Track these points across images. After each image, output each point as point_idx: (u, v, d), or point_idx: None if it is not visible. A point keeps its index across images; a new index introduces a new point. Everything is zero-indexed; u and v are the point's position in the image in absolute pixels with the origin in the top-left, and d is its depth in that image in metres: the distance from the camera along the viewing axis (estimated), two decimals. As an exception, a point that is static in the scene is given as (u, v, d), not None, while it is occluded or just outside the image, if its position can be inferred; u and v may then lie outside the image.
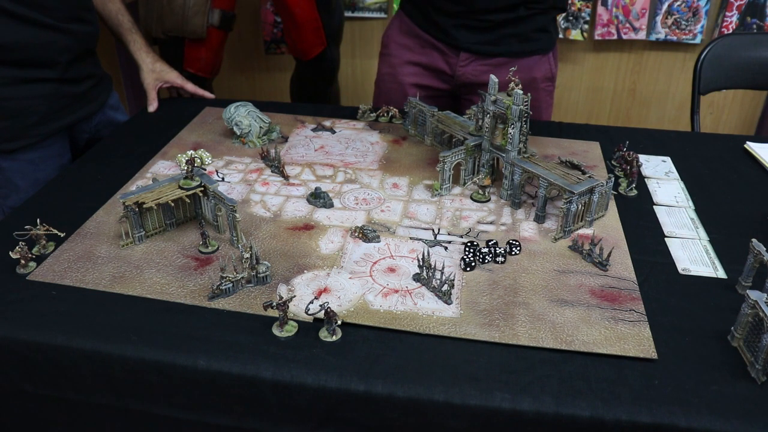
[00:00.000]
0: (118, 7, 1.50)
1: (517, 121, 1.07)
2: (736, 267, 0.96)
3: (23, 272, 0.94)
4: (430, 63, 1.47)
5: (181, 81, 1.57)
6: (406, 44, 1.50)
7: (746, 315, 0.80)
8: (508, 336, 0.83)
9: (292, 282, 0.93)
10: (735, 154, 1.36)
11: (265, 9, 2.73)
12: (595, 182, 1.04)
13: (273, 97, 2.89)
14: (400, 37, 1.31)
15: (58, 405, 0.90)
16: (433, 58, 1.47)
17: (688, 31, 2.56)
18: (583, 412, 0.73)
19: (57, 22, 1.25)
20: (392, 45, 1.52)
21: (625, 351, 0.81)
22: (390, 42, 1.54)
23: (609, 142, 1.36)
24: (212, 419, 0.84)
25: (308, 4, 2.09)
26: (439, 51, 1.46)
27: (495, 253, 0.96)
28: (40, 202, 1.14)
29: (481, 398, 0.75)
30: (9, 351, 0.84)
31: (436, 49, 1.46)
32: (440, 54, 1.46)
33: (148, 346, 0.81)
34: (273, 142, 1.37)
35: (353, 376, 0.77)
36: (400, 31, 1.51)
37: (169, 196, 1.01)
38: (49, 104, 1.24)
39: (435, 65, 1.47)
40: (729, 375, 0.78)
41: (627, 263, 0.98)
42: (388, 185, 1.20)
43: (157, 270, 0.95)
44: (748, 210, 1.14)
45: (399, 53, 1.49)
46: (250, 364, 0.79)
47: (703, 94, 1.83)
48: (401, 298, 0.90)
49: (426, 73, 1.47)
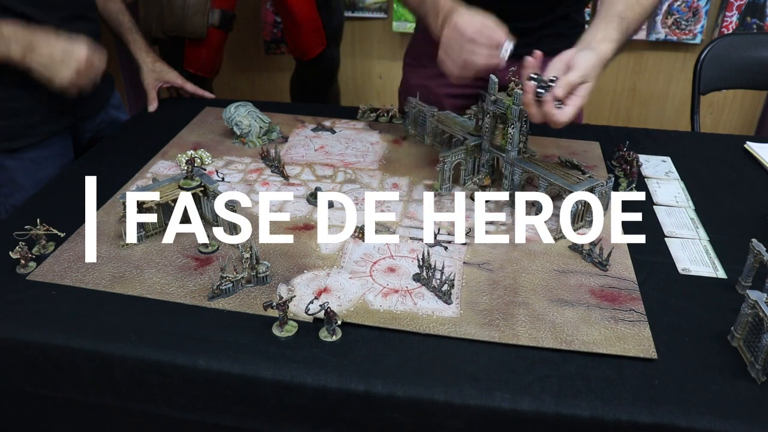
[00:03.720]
0: (118, 7, 1.50)
1: (517, 121, 1.07)
2: (736, 267, 0.96)
3: (23, 272, 0.94)
4: None
5: (181, 81, 1.57)
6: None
7: (746, 315, 0.80)
8: (508, 336, 0.83)
9: (292, 282, 0.93)
10: (735, 154, 1.36)
11: (265, 9, 2.73)
12: (595, 182, 1.04)
13: (273, 97, 2.89)
14: (433, 48, 1.26)
15: (58, 405, 0.90)
16: None
17: (688, 31, 2.56)
18: (583, 412, 0.73)
19: (61, 21, 1.25)
20: (424, 57, 1.47)
21: (625, 351, 0.81)
22: (421, 54, 1.49)
23: (609, 142, 1.36)
24: (212, 419, 0.84)
25: (308, 4, 2.10)
26: None
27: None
28: (40, 202, 1.14)
29: (481, 398, 0.75)
30: (9, 351, 0.84)
31: None
32: None
33: (148, 346, 0.81)
34: (273, 142, 1.37)
35: (353, 376, 0.77)
36: (432, 42, 1.46)
37: (169, 196, 1.01)
38: (52, 103, 1.24)
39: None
40: (729, 375, 0.78)
41: (627, 263, 0.98)
42: (388, 185, 1.20)
43: (157, 270, 0.95)
44: (748, 210, 1.14)
45: (432, 64, 1.44)
46: (250, 364, 0.79)
47: (703, 94, 1.83)
48: (401, 298, 0.90)
49: (463, 81, 1.44)
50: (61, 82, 1.13)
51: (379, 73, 2.88)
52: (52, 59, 1.11)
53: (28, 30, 1.11)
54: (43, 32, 1.12)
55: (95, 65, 1.17)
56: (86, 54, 1.14)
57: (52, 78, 1.13)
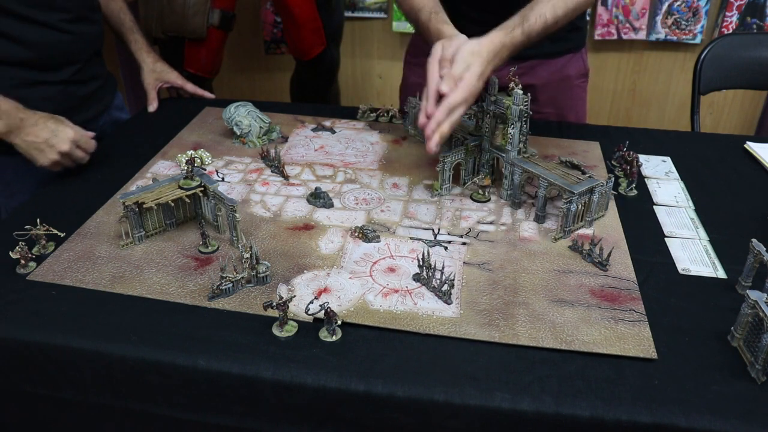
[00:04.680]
0: (120, 6, 1.50)
1: (517, 121, 1.08)
2: (736, 267, 0.96)
3: (23, 272, 0.94)
4: None
5: (182, 81, 1.57)
6: None
7: (746, 315, 0.80)
8: (508, 336, 0.83)
9: (292, 282, 0.93)
10: (735, 154, 1.36)
11: (265, 9, 2.73)
12: (595, 182, 1.04)
13: (273, 97, 2.89)
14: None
15: (58, 405, 0.90)
16: None
17: (688, 31, 2.56)
18: (583, 412, 0.73)
19: (64, 23, 1.25)
20: (424, 55, 1.49)
21: (625, 351, 0.81)
22: (422, 52, 1.51)
23: (609, 142, 1.36)
24: (212, 419, 0.84)
25: (308, 4, 2.10)
26: None
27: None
28: (40, 202, 1.14)
29: (481, 398, 0.75)
30: (9, 351, 0.84)
31: None
32: None
33: (148, 346, 0.81)
34: (273, 142, 1.37)
35: (353, 376, 0.77)
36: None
37: (169, 196, 1.01)
38: (56, 105, 1.24)
39: None
40: (729, 375, 0.78)
41: (627, 263, 0.98)
42: (388, 185, 1.20)
43: (157, 270, 0.95)
44: (748, 210, 1.14)
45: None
46: (250, 364, 0.79)
47: (703, 94, 1.83)
48: (401, 298, 0.90)
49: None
50: (42, 163, 1.16)
51: (379, 73, 2.88)
52: (35, 145, 1.14)
53: (21, 110, 1.15)
54: (34, 116, 1.15)
55: (79, 154, 1.19)
56: (69, 144, 1.16)
57: (33, 159, 1.16)
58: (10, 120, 1.13)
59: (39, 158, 1.16)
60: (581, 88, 1.53)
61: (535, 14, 1.07)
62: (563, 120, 1.49)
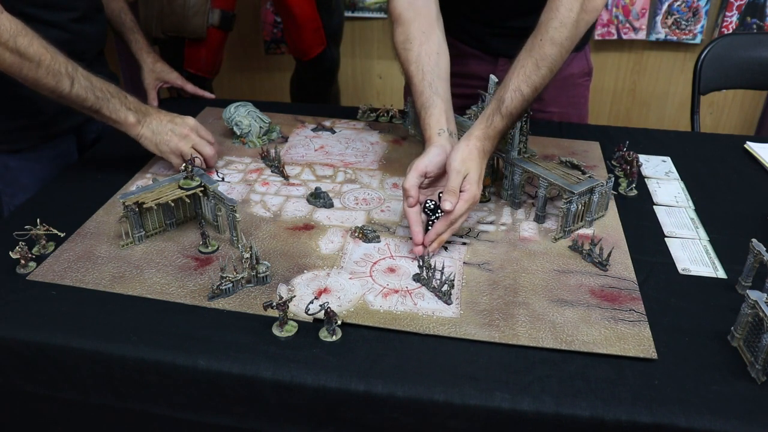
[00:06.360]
0: (120, 6, 1.50)
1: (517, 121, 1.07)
2: (736, 267, 0.96)
3: (23, 272, 0.94)
4: (469, 71, 1.45)
5: (182, 82, 1.57)
6: None
7: (746, 315, 0.80)
8: (508, 336, 0.83)
9: (292, 282, 0.93)
10: (735, 154, 1.36)
11: (265, 9, 2.73)
12: (595, 182, 1.04)
13: (273, 97, 2.89)
14: None
15: (58, 405, 0.90)
16: (471, 66, 1.45)
17: (688, 31, 2.56)
18: (583, 412, 0.73)
19: (70, 23, 1.25)
20: None
21: (625, 351, 0.81)
22: None
23: (609, 142, 1.36)
24: (212, 419, 0.84)
25: (308, 4, 2.09)
26: (476, 58, 1.44)
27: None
28: (41, 202, 1.14)
29: (481, 398, 0.75)
30: (9, 351, 0.84)
31: (473, 57, 1.45)
32: (478, 61, 1.45)
33: (148, 346, 0.81)
34: (273, 142, 1.37)
35: (353, 376, 0.77)
36: None
37: (169, 196, 1.01)
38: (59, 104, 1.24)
39: (474, 73, 1.45)
40: (729, 375, 0.78)
41: (627, 263, 0.98)
42: (388, 185, 1.20)
43: (157, 270, 0.95)
44: (748, 210, 1.14)
45: None
46: (250, 364, 0.79)
47: (703, 94, 1.83)
48: (401, 299, 0.90)
49: (465, 82, 1.44)
50: (165, 151, 1.19)
51: (379, 73, 2.88)
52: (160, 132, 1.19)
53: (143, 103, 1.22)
54: (155, 108, 1.23)
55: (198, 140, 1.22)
56: (189, 129, 1.21)
57: (158, 148, 1.19)
58: (140, 111, 1.19)
59: (162, 146, 1.19)
60: (584, 87, 1.53)
61: (510, 92, 1.01)
62: (566, 119, 1.49)
